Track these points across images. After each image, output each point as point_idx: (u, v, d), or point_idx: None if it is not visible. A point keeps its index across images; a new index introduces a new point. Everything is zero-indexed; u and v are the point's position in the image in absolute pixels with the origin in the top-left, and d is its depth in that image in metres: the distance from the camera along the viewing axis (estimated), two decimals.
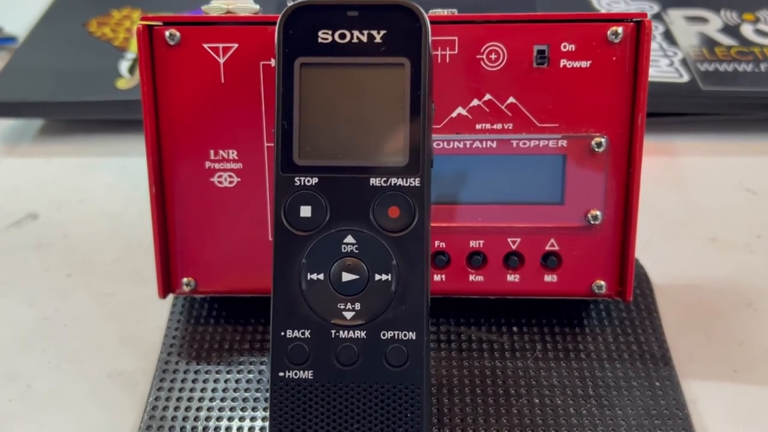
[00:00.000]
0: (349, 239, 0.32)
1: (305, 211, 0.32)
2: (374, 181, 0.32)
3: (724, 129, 0.59)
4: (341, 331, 0.32)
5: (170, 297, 0.43)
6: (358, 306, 0.32)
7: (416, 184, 0.32)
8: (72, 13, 0.70)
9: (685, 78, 0.58)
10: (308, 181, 0.32)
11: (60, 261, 0.49)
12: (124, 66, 0.63)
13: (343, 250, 0.32)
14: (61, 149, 0.60)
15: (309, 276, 0.32)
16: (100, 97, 0.60)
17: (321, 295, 0.32)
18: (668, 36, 0.62)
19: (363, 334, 0.32)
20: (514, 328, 0.42)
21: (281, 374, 0.32)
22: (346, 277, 0.32)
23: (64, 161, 0.59)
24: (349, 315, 0.32)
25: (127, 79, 0.62)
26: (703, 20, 0.64)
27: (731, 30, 0.63)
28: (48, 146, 0.61)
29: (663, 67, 0.59)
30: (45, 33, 0.68)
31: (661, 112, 0.57)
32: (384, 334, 0.32)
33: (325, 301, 0.32)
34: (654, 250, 0.48)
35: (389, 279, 0.32)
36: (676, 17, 0.65)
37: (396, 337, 0.32)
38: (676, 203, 0.53)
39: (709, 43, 0.62)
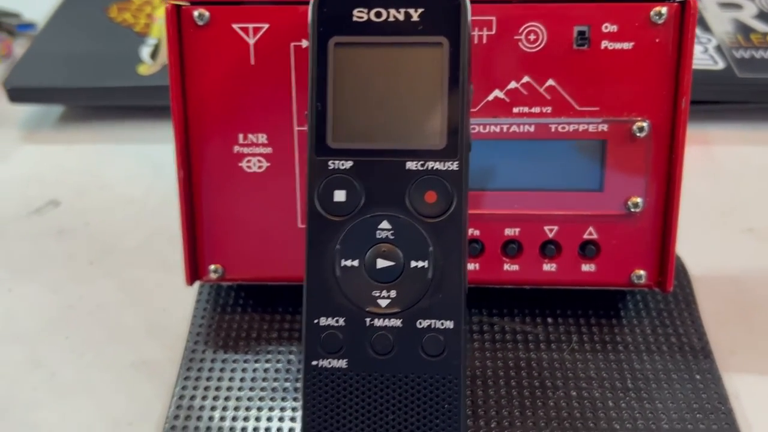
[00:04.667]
0: (385, 225, 0.31)
1: (339, 195, 0.31)
2: (410, 165, 0.31)
3: (760, 117, 0.58)
4: (376, 320, 0.31)
5: (195, 286, 0.42)
6: (393, 293, 0.31)
7: (454, 168, 0.31)
8: None
9: (721, 65, 0.57)
10: (342, 164, 0.31)
11: (83, 248, 0.48)
12: (145, 51, 0.62)
13: (378, 236, 0.31)
14: (81, 136, 0.60)
15: (343, 262, 0.31)
16: (122, 83, 0.59)
17: (355, 282, 0.31)
18: (702, 22, 0.61)
19: (399, 322, 0.31)
20: (549, 319, 0.41)
21: (314, 363, 0.31)
22: (382, 263, 0.31)
23: (84, 148, 0.58)
24: (384, 303, 0.31)
25: (148, 64, 0.61)
26: (737, 6, 0.63)
27: (766, 16, 0.62)
28: (68, 133, 0.60)
29: (697, 54, 0.57)
30: (65, 19, 0.67)
31: (695, 99, 0.55)
32: (420, 323, 0.31)
33: (359, 289, 0.31)
34: (690, 240, 0.46)
35: (426, 266, 0.31)
36: (709, 3, 0.63)
37: (432, 326, 0.31)
38: (711, 193, 0.51)
39: (744, 29, 0.60)
